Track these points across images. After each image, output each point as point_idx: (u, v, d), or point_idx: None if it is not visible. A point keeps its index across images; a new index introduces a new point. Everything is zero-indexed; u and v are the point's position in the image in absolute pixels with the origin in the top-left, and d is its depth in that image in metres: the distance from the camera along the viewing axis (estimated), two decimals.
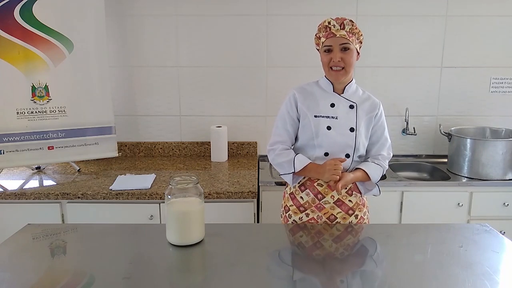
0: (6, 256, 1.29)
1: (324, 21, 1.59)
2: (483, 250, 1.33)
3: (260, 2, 2.54)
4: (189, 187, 1.35)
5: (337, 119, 1.61)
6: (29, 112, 2.18)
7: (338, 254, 1.34)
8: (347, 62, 1.56)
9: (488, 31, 2.57)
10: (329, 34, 1.56)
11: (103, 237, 1.43)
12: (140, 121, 2.72)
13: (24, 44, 2.11)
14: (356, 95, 1.66)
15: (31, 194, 2.01)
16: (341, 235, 1.48)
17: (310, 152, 1.64)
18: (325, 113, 1.61)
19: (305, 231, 1.49)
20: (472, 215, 2.26)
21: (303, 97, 1.65)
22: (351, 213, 1.65)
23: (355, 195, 1.66)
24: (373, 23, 2.56)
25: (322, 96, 1.65)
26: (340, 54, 1.55)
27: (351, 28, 1.56)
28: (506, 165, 2.25)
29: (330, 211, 1.63)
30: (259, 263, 1.26)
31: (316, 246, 1.38)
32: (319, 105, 1.63)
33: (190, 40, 2.60)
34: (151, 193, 2.02)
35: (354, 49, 1.57)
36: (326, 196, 1.63)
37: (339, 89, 1.65)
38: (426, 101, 2.67)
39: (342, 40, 1.54)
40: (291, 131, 1.68)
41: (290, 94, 1.68)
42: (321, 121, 1.61)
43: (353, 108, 1.62)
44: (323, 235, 1.46)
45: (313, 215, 1.64)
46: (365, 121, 1.64)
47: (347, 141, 1.60)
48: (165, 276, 1.18)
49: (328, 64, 1.57)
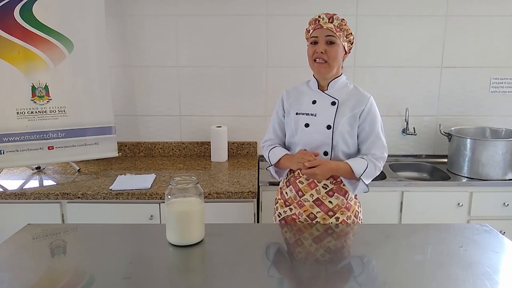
0: (6, 256, 1.29)
1: (315, 15, 1.60)
2: (483, 250, 1.33)
3: (260, 2, 2.54)
4: (189, 187, 1.35)
5: (315, 116, 1.60)
6: (29, 112, 2.18)
7: (338, 254, 1.34)
8: (330, 55, 1.54)
9: (488, 31, 2.57)
10: (317, 26, 1.57)
11: (103, 237, 1.43)
12: (140, 121, 2.72)
13: (24, 44, 2.11)
14: (343, 91, 1.62)
15: (31, 194, 2.01)
16: (345, 235, 1.48)
17: (292, 150, 1.68)
18: (305, 110, 1.62)
19: (305, 231, 1.49)
20: (472, 215, 2.26)
21: (290, 96, 1.70)
22: (331, 214, 1.61)
23: (337, 197, 1.62)
24: (373, 23, 2.56)
25: (307, 94, 1.66)
26: (324, 46, 1.54)
27: (340, 24, 1.56)
28: (506, 165, 2.25)
29: (309, 209, 1.62)
30: (259, 263, 1.26)
31: (316, 246, 1.38)
32: (302, 103, 1.64)
33: (190, 40, 2.60)
34: (151, 193, 2.02)
35: (340, 44, 1.55)
36: (305, 194, 1.63)
37: (324, 86, 1.64)
38: (426, 101, 2.67)
39: (328, 32, 1.54)
40: (278, 129, 1.74)
41: (281, 94, 1.74)
42: (301, 118, 1.62)
43: (335, 104, 1.60)
44: (323, 235, 1.46)
45: (295, 211, 1.65)
46: (349, 118, 1.58)
47: (324, 139, 1.59)
48: (165, 276, 1.18)
49: (312, 56, 1.57)
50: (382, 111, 2.63)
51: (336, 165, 1.56)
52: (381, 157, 1.60)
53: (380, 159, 1.60)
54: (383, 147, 1.62)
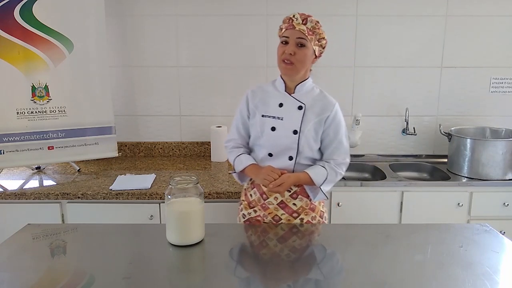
0: (6, 256, 1.29)
1: (290, 14, 1.57)
2: (483, 250, 1.33)
3: (260, 2, 2.54)
4: (189, 187, 1.35)
5: (282, 120, 1.57)
6: (29, 112, 2.18)
7: (338, 253, 1.34)
8: (299, 58, 1.51)
9: (488, 31, 2.57)
10: (289, 25, 1.54)
11: (103, 237, 1.43)
12: (140, 121, 2.72)
13: (24, 44, 2.11)
14: (309, 95, 1.61)
15: (31, 194, 2.01)
16: (345, 236, 1.48)
17: (257, 152, 1.65)
18: (272, 113, 1.59)
19: (303, 231, 1.49)
20: (472, 215, 2.26)
21: (255, 96, 1.65)
22: (295, 216, 1.62)
23: (300, 199, 1.62)
24: (373, 23, 2.56)
25: (274, 96, 1.63)
26: (294, 48, 1.51)
27: (313, 27, 1.53)
28: (506, 165, 2.25)
29: (274, 211, 1.62)
30: (258, 262, 1.26)
31: (316, 246, 1.38)
32: (269, 105, 1.61)
33: (190, 40, 2.60)
34: (151, 193, 2.02)
35: (310, 48, 1.53)
36: (269, 197, 1.62)
37: (291, 89, 1.62)
38: (426, 101, 2.67)
39: (299, 34, 1.51)
40: (242, 130, 1.69)
41: (245, 93, 1.69)
42: (267, 121, 1.59)
43: (301, 109, 1.58)
44: (322, 235, 1.46)
45: (259, 213, 1.64)
46: (314, 123, 1.57)
47: (290, 144, 1.57)
48: (165, 276, 1.18)
49: (281, 56, 1.54)
50: (382, 111, 2.68)
51: (297, 178, 1.55)
52: (343, 162, 1.61)
53: (342, 164, 1.61)
54: (346, 153, 1.62)
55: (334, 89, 2.63)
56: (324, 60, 2.60)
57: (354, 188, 2.22)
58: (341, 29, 2.57)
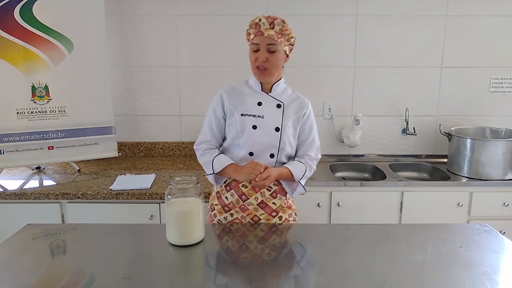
0: (6, 256, 1.29)
1: (255, 18, 1.57)
2: (483, 250, 1.33)
3: (260, 2, 2.54)
4: (189, 187, 1.35)
5: (263, 118, 1.59)
6: (29, 112, 2.18)
7: (338, 253, 1.34)
8: (272, 63, 1.54)
9: (488, 31, 2.57)
10: (258, 32, 1.53)
11: (103, 237, 1.43)
12: (140, 121, 2.72)
13: (24, 44, 2.11)
14: (284, 94, 1.64)
15: (31, 194, 2.01)
16: (345, 236, 1.48)
17: (235, 152, 1.63)
18: (251, 111, 1.59)
19: (303, 232, 1.49)
20: (472, 215, 2.26)
21: (230, 96, 1.64)
22: (274, 215, 1.64)
23: (279, 198, 1.64)
24: (373, 23, 2.56)
25: (250, 95, 1.63)
26: (266, 54, 1.52)
27: (281, 29, 1.54)
28: (506, 165, 2.25)
29: (253, 212, 1.62)
30: (259, 263, 1.26)
31: (317, 246, 1.38)
32: (246, 103, 1.61)
33: (190, 40, 2.60)
34: (151, 193, 2.02)
35: (281, 50, 1.55)
36: (250, 198, 1.62)
37: (267, 88, 1.64)
38: (426, 101, 2.67)
39: (269, 40, 1.52)
40: (216, 131, 1.67)
41: (218, 94, 1.67)
42: (247, 119, 1.59)
43: (280, 107, 1.60)
44: (322, 235, 1.46)
45: (237, 216, 1.64)
46: (293, 120, 1.61)
47: (272, 141, 1.59)
48: (165, 276, 1.18)
49: (255, 62, 1.55)
50: (382, 111, 2.68)
51: (279, 172, 1.58)
52: (316, 158, 1.68)
53: (315, 159, 1.67)
54: (318, 149, 1.69)
55: (334, 89, 2.66)
56: (324, 60, 2.62)
57: (354, 188, 2.22)
58: (341, 29, 2.57)
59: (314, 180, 2.23)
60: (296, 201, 1.74)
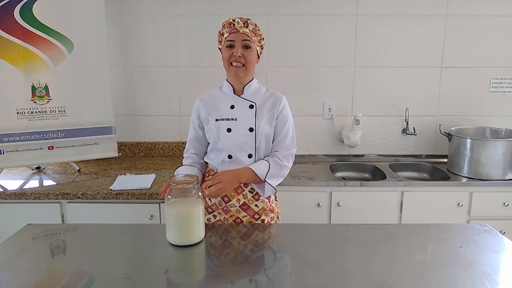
0: (6, 256, 1.29)
1: (229, 19, 1.59)
2: (483, 250, 1.33)
3: (260, 2, 2.54)
4: (189, 187, 1.35)
5: (236, 120, 1.61)
6: (29, 112, 2.18)
7: (338, 253, 1.34)
8: (248, 59, 1.56)
9: (488, 31, 2.57)
10: (232, 29, 1.56)
11: (103, 237, 1.43)
12: (140, 121, 2.72)
13: (24, 44, 2.11)
14: (257, 94, 1.65)
15: (31, 194, 2.01)
16: (345, 236, 1.48)
17: (217, 156, 1.65)
18: (225, 115, 1.62)
19: (303, 232, 1.49)
20: (472, 215, 2.26)
21: (204, 103, 1.68)
22: (257, 217, 1.64)
23: (262, 200, 1.65)
24: (373, 23, 2.56)
25: (223, 99, 1.66)
26: (241, 50, 1.55)
27: (254, 29, 1.58)
28: (506, 165, 2.25)
29: (236, 214, 1.63)
30: (259, 263, 1.26)
31: (317, 246, 1.38)
32: (220, 108, 1.64)
33: (190, 40, 2.60)
34: (151, 193, 2.02)
35: (255, 49, 1.59)
36: (232, 200, 1.63)
37: (239, 90, 1.65)
38: (426, 101, 2.67)
39: (244, 37, 1.55)
40: (195, 142, 1.73)
41: (195, 103, 1.71)
42: (222, 124, 1.61)
43: (253, 107, 1.62)
44: (322, 235, 1.46)
45: (220, 217, 1.65)
46: (268, 118, 1.62)
47: (247, 141, 1.60)
48: (165, 276, 1.18)
49: (229, 59, 1.57)
50: (382, 111, 2.68)
51: (237, 174, 1.57)
52: (287, 154, 1.64)
53: (288, 156, 1.64)
54: (292, 145, 1.66)
55: (334, 89, 2.66)
56: (324, 60, 2.62)
57: (354, 188, 2.23)
58: (341, 29, 2.57)
59: (314, 180, 2.23)
60: (296, 201, 1.74)
